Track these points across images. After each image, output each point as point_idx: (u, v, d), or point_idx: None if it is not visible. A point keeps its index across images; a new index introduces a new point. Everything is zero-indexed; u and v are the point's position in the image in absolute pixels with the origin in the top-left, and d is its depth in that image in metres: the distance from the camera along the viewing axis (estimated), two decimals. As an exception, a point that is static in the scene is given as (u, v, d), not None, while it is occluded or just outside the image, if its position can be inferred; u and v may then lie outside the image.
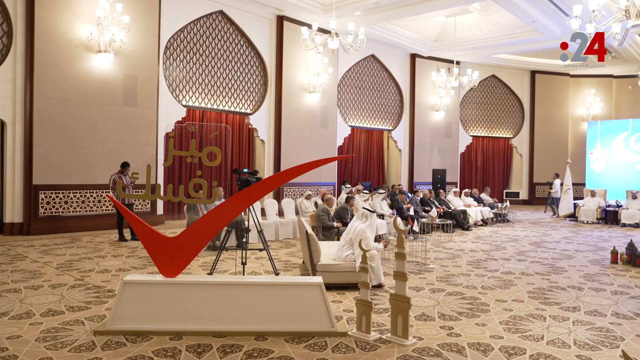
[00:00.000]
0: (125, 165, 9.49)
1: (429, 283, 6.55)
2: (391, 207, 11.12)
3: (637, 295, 6.07)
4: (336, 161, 16.19)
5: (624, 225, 13.32)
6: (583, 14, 13.40)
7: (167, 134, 13.16)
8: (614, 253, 8.12)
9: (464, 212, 12.47)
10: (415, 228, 10.24)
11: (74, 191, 10.42)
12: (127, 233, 9.71)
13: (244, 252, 5.51)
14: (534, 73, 20.24)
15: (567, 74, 20.42)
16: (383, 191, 10.88)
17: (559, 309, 5.43)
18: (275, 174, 4.41)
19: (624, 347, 4.27)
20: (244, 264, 5.43)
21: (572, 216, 14.66)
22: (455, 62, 16.91)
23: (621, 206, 13.81)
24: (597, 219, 13.96)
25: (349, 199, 9.13)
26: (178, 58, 12.33)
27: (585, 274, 7.25)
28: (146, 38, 11.35)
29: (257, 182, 5.21)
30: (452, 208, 12.65)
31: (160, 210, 11.94)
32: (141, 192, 11.13)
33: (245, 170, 5.44)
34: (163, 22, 11.76)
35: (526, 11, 13.12)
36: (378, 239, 8.26)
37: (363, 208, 6.31)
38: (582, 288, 6.41)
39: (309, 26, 12.09)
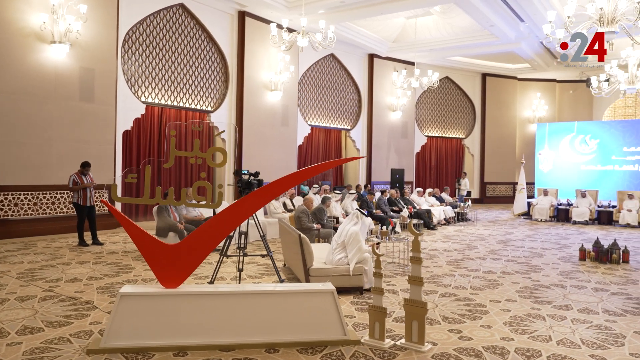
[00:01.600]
0: (85, 165, 8.84)
1: (418, 284, 6.50)
2: (361, 207, 11.06)
3: (617, 292, 6.30)
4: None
5: (575, 222, 14.00)
6: (538, 21, 13.98)
7: (169, 132, 12.62)
8: (582, 250, 8.45)
9: (429, 211, 12.63)
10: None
11: (25, 192, 9.61)
12: (87, 237, 9.05)
13: (241, 257, 5.21)
14: (484, 76, 20.90)
15: (515, 77, 21.23)
16: (354, 191, 10.81)
17: (552, 307, 5.53)
18: (287, 175, 4.17)
19: (629, 345, 4.38)
20: (240, 270, 5.13)
21: (527, 214, 15.24)
22: (415, 64, 17.13)
23: (572, 204, 14.50)
24: (550, 216, 14.58)
25: (325, 200, 8.96)
26: (137, 52, 11.68)
27: (561, 272, 7.48)
28: (104, 29, 10.66)
29: (258, 184, 4.96)
30: (417, 207, 12.78)
31: (118, 212, 11.26)
32: (100, 193, 10.47)
33: (245, 171, 5.16)
34: (121, 13, 11.08)
35: (486, 15, 13.46)
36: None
37: (356, 209, 6.17)
38: (564, 286, 6.58)
39: (273, 23, 11.79)
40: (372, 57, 18.11)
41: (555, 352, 4.15)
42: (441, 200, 14.44)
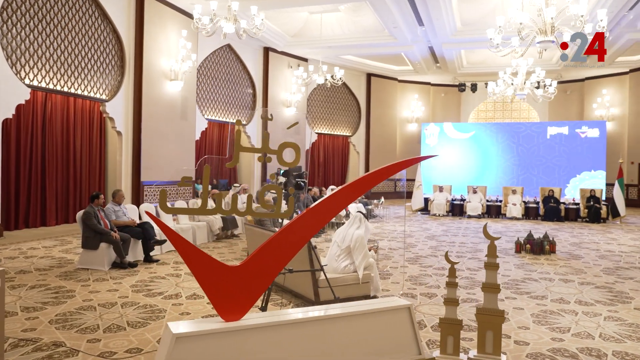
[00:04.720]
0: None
1: (410, 287, 6.27)
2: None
3: (583, 282, 6.74)
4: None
5: (470, 216, 15.12)
6: (438, 26, 14.75)
7: (235, 124, 10.41)
8: (518, 244, 9.03)
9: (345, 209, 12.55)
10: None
11: None
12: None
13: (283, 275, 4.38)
14: (369, 75, 21.59)
15: (395, 79, 22.31)
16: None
17: (552, 302, 5.69)
18: (370, 172, 3.62)
19: (656, 334, 4.64)
20: (269, 288, 4.32)
21: (424, 210, 16.06)
22: (308, 60, 16.93)
23: (465, 200, 15.64)
24: (446, 211, 15.54)
25: (275, 201, 8.25)
26: (19, 23, 9.54)
27: (515, 265, 7.85)
28: (-21, -9, 8.50)
29: (304, 185, 4.23)
30: (335, 206, 12.61)
31: (-3, 220, 9.13)
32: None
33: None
34: (2, -26, 8.96)
35: (394, 16, 13.79)
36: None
37: (358, 212, 5.72)
38: (536, 279, 6.89)
39: (198, 4, 10.58)
40: (267, 50, 17.48)
41: (616, 350, 4.21)
42: (351, 198, 14.47)
